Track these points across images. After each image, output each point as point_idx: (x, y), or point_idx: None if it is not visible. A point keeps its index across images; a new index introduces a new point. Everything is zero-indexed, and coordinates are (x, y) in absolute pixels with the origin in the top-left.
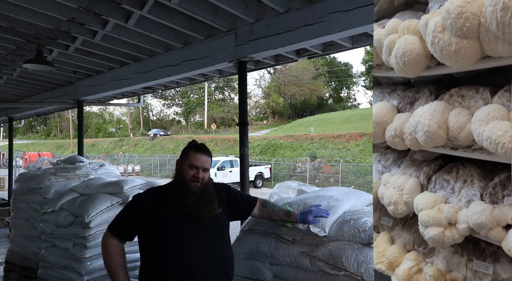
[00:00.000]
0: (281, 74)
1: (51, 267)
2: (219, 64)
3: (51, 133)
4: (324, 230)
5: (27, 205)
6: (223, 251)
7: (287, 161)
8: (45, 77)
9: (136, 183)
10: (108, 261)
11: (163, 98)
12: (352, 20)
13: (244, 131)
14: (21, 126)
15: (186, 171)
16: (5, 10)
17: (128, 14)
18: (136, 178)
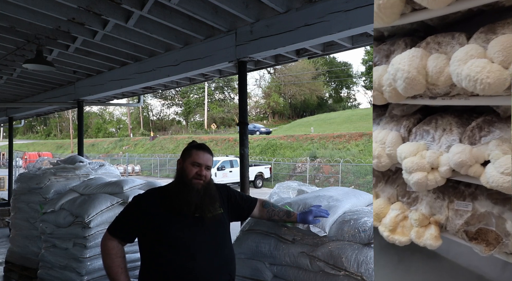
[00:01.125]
0: (281, 74)
1: (51, 267)
2: (219, 64)
3: (51, 133)
4: (324, 230)
5: (27, 205)
6: (225, 251)
7: (287, 161)
8: (45, 77)
9: (136, 183)
10: (108, 263)
11: (163, 98)
12: (352, 20)
13: (244, 132)
14: (21, 126)
15: (189, 168)
16: (5, 10)
17: (128, 14)
18: (136, 178)
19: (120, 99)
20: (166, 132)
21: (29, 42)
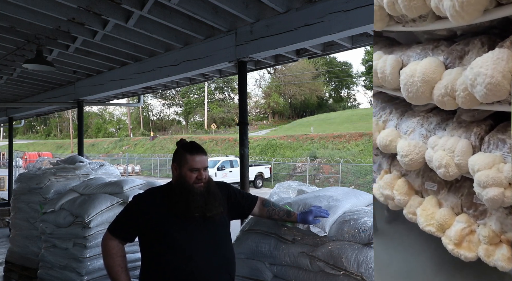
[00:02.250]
0: (281, 74)
1: (51, 267)
2: (219, 64)
3: (51, 133)
4: (324, 230)
5: (27, 205)
6: (225, 251)
7: (287, 161)
8: (45, 77)
9: (136, 183)
10: (109, 262)
11: (163, 98)
12: (352, 20)
13: (244, 131)
14: (21, 126)
15: (188, 175)
16: (5, 10)
17: (128, 14)
18: (136, 178)
19: (120, 99)
20: (166, 132)
21: (29, 42)
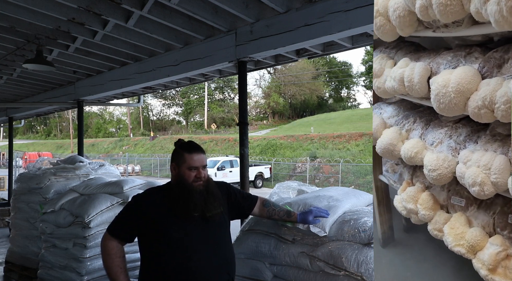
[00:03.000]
0: (281, 74)
1: (51, 267)
2: (219, 64)
3: (51, 133)
4: (324, 230)
5: (27, 205)
6: (225, 251)
7: (287, 161)
8: (45, 77)
9: (136, 183)
10: (108, 263)
11: (163, 98)
12: (352, 20)
13: (244, 131)
14: (21, 126)
15: (187, 174)
16: (5, 10)
17: (128, 14)
18: (136, 178)
19: (120, 99)
20: (166, 132)
21: (29, 42)
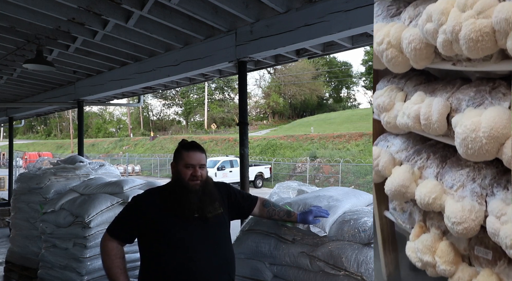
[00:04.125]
0: (281, 74)
1: (51, 267)
2: (219, 64)
3: (51, 133)
4: (324, 230)
5: (27, 205)
6: (225, 251)
7: (287, 161)
8: (45, 77)
9: (136, 183)
10: (108, 264)
11: (163, 98)
12: (352, 20)
13: (244, 131)
14: (21, 126)
15: (183, 171)
16: (5, 10)
17: (128, 14)
18: (136, 178)
19: (120, 99)
20: (166, 132)
21: (29, 42)
